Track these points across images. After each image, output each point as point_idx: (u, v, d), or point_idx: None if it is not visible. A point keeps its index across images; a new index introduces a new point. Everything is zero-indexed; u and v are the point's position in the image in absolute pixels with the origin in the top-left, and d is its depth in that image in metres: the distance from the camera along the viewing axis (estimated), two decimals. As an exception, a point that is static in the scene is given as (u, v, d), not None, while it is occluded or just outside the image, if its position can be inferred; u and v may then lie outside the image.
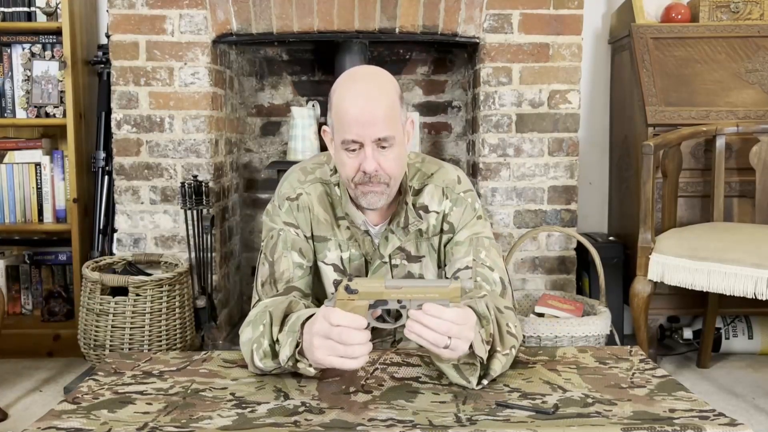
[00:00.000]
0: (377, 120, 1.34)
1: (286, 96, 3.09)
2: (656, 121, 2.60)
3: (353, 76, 1.42)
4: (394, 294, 1.20)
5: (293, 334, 1.25)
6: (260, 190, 3.11)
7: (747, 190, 2.56)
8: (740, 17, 2.81)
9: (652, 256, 2.32)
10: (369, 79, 1.40)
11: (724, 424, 1.09)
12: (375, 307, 1.21)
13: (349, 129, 1.35)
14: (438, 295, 1.19)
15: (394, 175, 1.40)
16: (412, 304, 1.20)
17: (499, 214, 2.73)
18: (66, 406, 1.19)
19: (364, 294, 1.20)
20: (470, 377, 1.26)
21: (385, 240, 1.50)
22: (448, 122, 3.11)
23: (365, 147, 1.35)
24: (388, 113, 1.35)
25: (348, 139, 1.35)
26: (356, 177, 1.38)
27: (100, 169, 2.81)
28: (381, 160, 1.36)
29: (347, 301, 1.20)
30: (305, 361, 1.24)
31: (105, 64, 2.80)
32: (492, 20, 2.66)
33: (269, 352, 1.29)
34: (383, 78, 1.41)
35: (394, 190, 1.43)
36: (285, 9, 2.60)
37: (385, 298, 1.21)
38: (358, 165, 1.37)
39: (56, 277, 3.01)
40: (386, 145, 1.36)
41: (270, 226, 1.52)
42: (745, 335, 2.84)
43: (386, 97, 1.37)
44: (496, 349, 1.28)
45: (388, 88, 1.39)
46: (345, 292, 1.20)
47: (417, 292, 1.20)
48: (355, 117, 1.34)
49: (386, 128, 1.35)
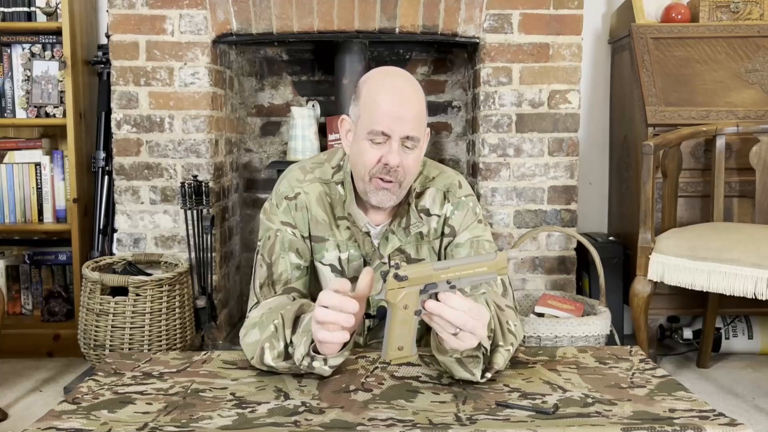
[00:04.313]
0: (409, 118, 1.37)
1: (286, 96, 3.09)
2: (656, 121, 2.60)
3: (388, 72, 1.45)
4: (444, 275, 1.18)
5: (307, 334, 1.25)
6: (260, 190, 3.11)
7: (747, 190, 2.56)
8: (740, 17, 2.81)
9: (652, 256, 2.32)
10: (404, 79, 1.43)
11: (724, 424, 1.09)
12: (425, 291, 1.19)
13: (381, 120, 1.36)
14: (486, 268, 1.18)
15: (410, 176, 1.42)
16: (462, 283, 1.19)
17: (499, 214, 2.73)
18: (66, 406, 1.19)
19: (414, 279, 1.18)
20: (474, 369, 1.26)
21: (385, 240, 1.50)
22: (448, 122, 3.11)
23: (392, 141, 1.37)
24: (418, 115, 1.39)
25: (377, 130, 1.37)
26: (375, 169, 1.39)
27: (100, 169, 2.81)
28: (403, 158, 1.38)
29: (398, 289, 1.18)
30: (320, 358, 1.24)
31: (105, 64, 2.80)
32: (492, 20, 2.66)
33: (283, 353, 1.29)
34: (415, 82, 1.45)
35: (403, 192, 1.45)
36: (285, 9, 2.60)
37: (434, 280, 1.19)
38: (380, 157, 1.38)
39: (56, 277, 3.01)
40: (410, 146, 1.38)
41: (267, 225, 1.51)
42: (745, 335, 2.84)
43: (419, 99, 1.41)
44: (498, 343, 1.29)
45: (420, 92, 1.43)
46: (395, 281, 1.18)
47: (465, 269, 1.18)
48: (388, 110, 1.36)
49: (416, 128, 1.38)
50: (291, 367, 1.30)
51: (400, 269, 1.18)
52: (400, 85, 1.41)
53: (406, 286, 1.18)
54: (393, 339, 1.19)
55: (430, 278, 1.18)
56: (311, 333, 1.23)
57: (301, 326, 1.28)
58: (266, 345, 1.30)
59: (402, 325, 1.19)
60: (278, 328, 1.29)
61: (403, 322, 1.19)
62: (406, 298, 1.18)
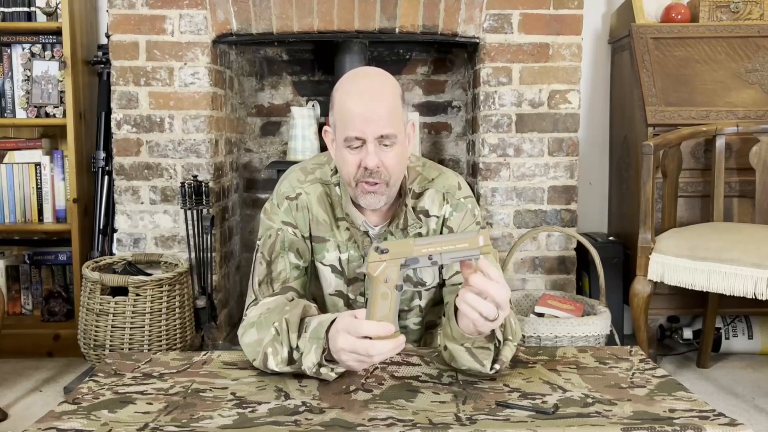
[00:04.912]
0: (380, 117, 1.35)
1: (286, 96, 3.09)
2: (656, 121, 2.60)
3: (356, 75, 1.43)
4: (425, 249, 1.19)
5: (318, 341, 1.25)
6: (260, 190, 3.11)
7: (747, 190, 2.56)
8: (740, 17, 2.81)
9: (652, 256, 2.32)
10: (372, 78, 1.41)
11: (724, 424, 1.09)
12: (406, 265, 1.20)
13: (353, 126, 1.35)
14: (468, 244, 1.18)
15: (395, 173, 1.40)
16: (443, 258, 1.19)
17: (499, 214, 2.73)
18: (66, 406, 1.19)
19: (395, 253, 1.20)
20: (484, 361, 1.27)
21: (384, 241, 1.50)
22: (448, 122, 3.11)
23: (367, 144, 1.35)
24: (390, 111, 1.36)
25: (351, 136, 1.36)
26: (357, 174, 1.38)
27: (100, 169, 2.81)
28: (382, 157, 1.37)
29: (379, 262, 1.20)
30: (329, 366, 1.25)
31: (105, 64, 2.80)
32: (492, 20, 2.66)
33: (286, 359, 1.29)
34: (386, 78, 1.42)
35: (393, 191, 1.43)
36: (285, 9, 2.60)
37: (415, 255, 1.19)
38: (360, 162, 1.37)
39: (56, 277, 3.01)
40: (388, 143, 1.37)
41: (268, 224, 1.51)
42: (745, 335, 2.84)
43: (389, 95, 1.38)
44: (507, 337, 1.30)
45: (391, 87, 1.40)
46: (376, 254, 1.20)
47: (446, 245, 1.19)
48: (358, 114, 1.34)
49: (389, 125, 1.36)
50: (294, 370, 1.30)
51: (382, 243, 1.20)
52: (368, 85, 1.38)
53: (386, 259, 1.20)
54: (375, 313, 1.20)
55: (411, 252, 1.20)
56: (322, 341, 1.24)
57: (308, 332, 1.27)
58: (269, 350, 1.30)
59: (383, 299, 1.20)
60: (281, 332, 1.29)
61: (383, 296, 1.20)
62: (387, 271, 1.19)
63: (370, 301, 1.21)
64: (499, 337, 1.26)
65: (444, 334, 1.31)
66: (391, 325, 1.19)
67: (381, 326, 1.18)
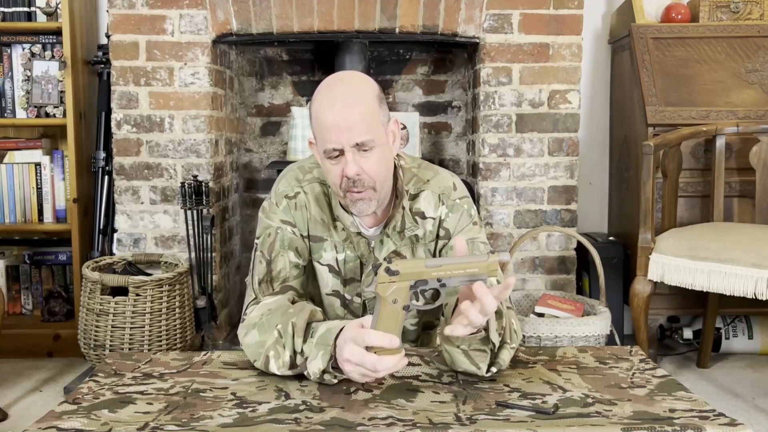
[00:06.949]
0: (354, 124, 1.32)
1: (286, 96, 3.09)
2: (656, 121, 2.60)
3: (328, 83, 1.40)
4: (435, 273, 1.19)
5: (325, 348, 1.24)
6: (260, 190, 3.11)
7: (747, 190, 2.57)
8: (740, 17, 2.81)
9: (652, 256, 2.32)
10: (343, 85, 1.39)
11: (724, 424, 1.09)
12: (416, 287, 1.20)
13: (328, 137, 1.34)
14: (477, 269, 1.19)
15: (379, 177, 1.38)
16: (452, 282, 1.20)
17: (499, 214, 2.73)
18: (66, 406, 1.19)
19: (406, 275, 1.19)
20: (480, 363, 1.27)
21: (380, 244, 1.50)
22: (448, 122, 3.11)
23: (345, 153, 1.34)
24: (364, 116, 1.34)
25: (329, 148, 1.35)
26: (343, 184, 1.37)
27: (100, 169, 2.81)
28: (363, 164, 1.35)
29: (388, 283, 1.19)
30: (332, 373, 1.25)
31: (105, 64, 2.80)
32: (492, 20, 2.66)
33: (288, 362, 1.29)
34: (358, 81, 1.40)
35: (383, 194, 1.42)
36: (285, 9, 2.60)
37: (425, 277, 1.20)
38: (341, 171, 1.36)
39: (56, 277, 3.01)
40: (367, 149, 1.35)
41: (267, 223, 1.51)
42: (745, 335, 2.84)
43: (361, 100, 1.35)
44: (506, 341, 1.29)
45: (364, 90, 1.37)
46: (386, 274, 1.19)
47: (457, 269, 1.19)
48: (331, 124, 1.33)
49: (364, 132, 1.33)
50: (296, 374, 1.30)
51: (393, 263, 1.19)
52: (339, 93, 1.36)
53: (397, 280, 1.19)
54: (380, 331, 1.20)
55: (422, 275, 1.20)
56: (330, 347, 1.23)
57: (315, 337, 1.27)
58: (271, 353, 1.30)
59: (389, 319, 1.20)
60: (284, 335, 1.29)
61: (390, 316, 1.20)
62: (396, 292, 1.19)
63: (376, 318, 1.21)
64: (494, 341, 1.25)
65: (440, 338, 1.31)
66: (397, 338, 1.19)
67: (387, 338, 1.18)
